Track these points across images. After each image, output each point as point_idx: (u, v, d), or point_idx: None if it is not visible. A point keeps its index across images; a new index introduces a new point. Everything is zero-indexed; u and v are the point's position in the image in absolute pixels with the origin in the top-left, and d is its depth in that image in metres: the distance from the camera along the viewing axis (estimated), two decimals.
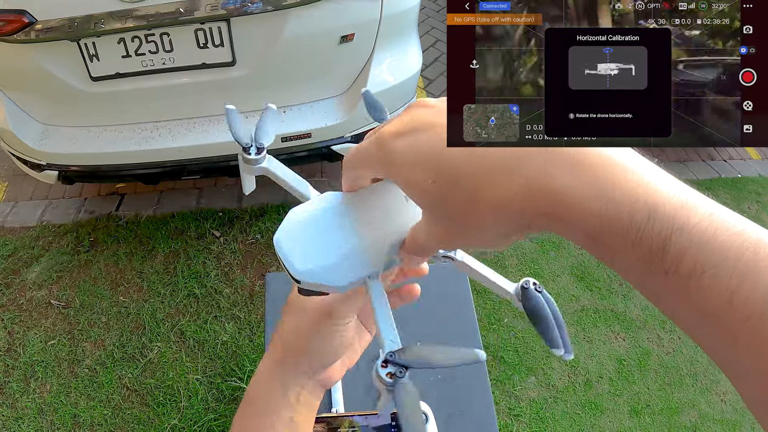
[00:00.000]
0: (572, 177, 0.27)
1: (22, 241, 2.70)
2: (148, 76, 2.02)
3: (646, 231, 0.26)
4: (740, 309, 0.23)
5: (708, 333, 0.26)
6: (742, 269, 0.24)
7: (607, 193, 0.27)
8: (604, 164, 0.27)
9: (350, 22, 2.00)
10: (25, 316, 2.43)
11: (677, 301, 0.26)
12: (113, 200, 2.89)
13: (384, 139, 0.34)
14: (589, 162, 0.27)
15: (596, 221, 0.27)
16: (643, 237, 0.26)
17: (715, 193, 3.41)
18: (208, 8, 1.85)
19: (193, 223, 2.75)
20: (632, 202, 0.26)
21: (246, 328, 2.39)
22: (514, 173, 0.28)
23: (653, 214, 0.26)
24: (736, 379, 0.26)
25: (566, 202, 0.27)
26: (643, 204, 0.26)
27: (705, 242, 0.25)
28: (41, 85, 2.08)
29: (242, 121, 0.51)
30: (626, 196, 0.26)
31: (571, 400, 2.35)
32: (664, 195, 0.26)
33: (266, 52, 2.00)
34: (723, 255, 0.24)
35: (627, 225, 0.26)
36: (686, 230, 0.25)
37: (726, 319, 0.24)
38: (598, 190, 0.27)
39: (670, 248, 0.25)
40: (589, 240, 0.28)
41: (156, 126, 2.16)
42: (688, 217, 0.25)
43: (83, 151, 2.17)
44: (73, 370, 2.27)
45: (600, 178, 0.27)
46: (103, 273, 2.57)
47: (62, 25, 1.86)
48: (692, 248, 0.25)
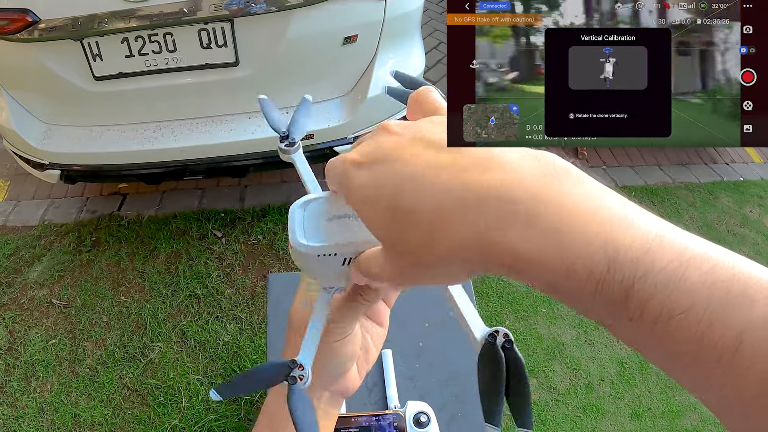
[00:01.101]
0: (529, 232, 0.26)
1: (23, 240, 2.71)
2: (151, 76, 2.02)
3: (606, 281, 0.25)
4: (712, 349, 0.23)
5: (681, 372, 0.25)
6: (712, 311, 0.23)
7: (564, 249, 0.26)
8: (562, 215, 0.26)
9: (354, 23, 2.01)
10: (27, 315, 2.43)
11: (646, 344, 0.26)
12: (115, 200, 2.89)
13: (346, 168, 0.33)
14: (547, 214, 0.26)
15: (554, 275, 0.26)
16: (603, 287, 0.25)
17: (717, 197, 3.40)
18: (212, 8, 1.85)
19: (195, 223, 2.75)
20: (591, 253, 0.25)
21: (247, 328, 2.39)
22: (472, 221, 0.27)
23: (613, 264, 0.25)
24: (717, 414, 0.25)
25: (522, 258, 0.26)
26: (602, 255, 0.25)
27: (672, 287, 0.24)
28: (44, 85, 2.09)
29: (277, 110, 0.52)
30: (585, 248, 0.25)
31: (572, 403, 2.34)
32: (627, 240, 0.25)
33: (269, 53, 2.00)
34: (691, 299, 0.23)
35: (586, 277, 0.25)
36: (650, 277, 0.24)
37: (698, 359, 0.24)
38: (555, 247, 0.26)
39: (633, 296, 0.24)
40: (549, 289, 0.27)
41: (159, 126, 2.17)
42: (653, 262, 0.24)
43: (86, 150, 2.17)
44: (74, 369, 2.27)
45: (557, 233, 0.26)
46: (105, 273, 2.57)
47: (66, 24, 1.87)
48: (657, 295, 0.24)
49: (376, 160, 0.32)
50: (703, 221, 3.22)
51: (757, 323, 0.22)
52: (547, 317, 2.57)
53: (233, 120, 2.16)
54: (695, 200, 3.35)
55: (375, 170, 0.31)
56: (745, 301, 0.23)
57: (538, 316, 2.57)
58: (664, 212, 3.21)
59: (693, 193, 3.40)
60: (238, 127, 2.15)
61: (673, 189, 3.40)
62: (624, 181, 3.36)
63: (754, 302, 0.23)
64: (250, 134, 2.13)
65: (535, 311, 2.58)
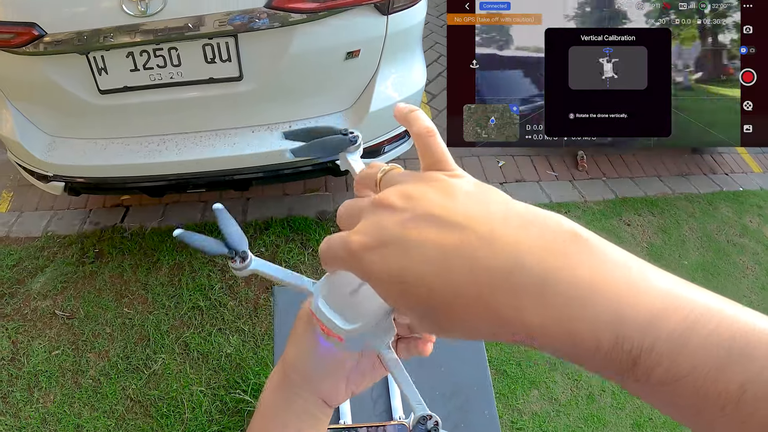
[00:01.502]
0: (539, 308, 0.27)
1: (27, 251, 2.72)
2: (155, 90, 2.04)
3: (614, 352, 0.26)
4: (715, 401, 0.25)
5: (684, 420, 0.27)
6: (716, 370, 0.24)
7: (573, 323, 0.27)
8: (569, 290, 0.27)
9: (356, 38, 2.03)
10: (30, 326, 2.44)
11: (652, 399, 0.27)
12: (118, 212, 2.90)
13: (354, 251, 0.33)
14: (556, 291, 0.27)
15: (563, 345, 0.28)
16: (611, 357, 0.26)
17: (717, 207, 3.42)
18: (216, 24, 1.87)
19: None
20: (599, 327, 0.26)
21: (250, 340, 2.40)
22: (485, 301, 0.28)
23: (620, 337, 0.26)
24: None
25: (534, 331, 0.28)
26: (610, 331, 0.26)
27: (677, 353, 0.25)
28: (50, 97, 2.11)
29: (236, 223, 0.46)
30: (593, 322, 0.26)
31: (573, 414, 2.35)
32: (634, 312, 0.26)
33: (273, 68, 2.03)
34: (696, 362, 0.25)
35: (594, 348, 0.27)
36: (657, 346, 0.25)
37: (702, 411, 0.25)
38: (565, 321, 0.27)
39: (640, 365, 0.26)
40: (555, 354, 0.29)
41: (163, 139, 2.18)
42: (659, 331, 0.26)
43: (90, 163, 2.19)
44: (76, 380, 2.28)
45: (566, 308, 0.27)
46: (108, 284, 2.58)
47: (71, 38, 1.88)
48: (664, 362, 0.25)
49: (383, 242, 0.32)
50: (702, 231, 3.23)
51: (759, 375, 0.24)
52: None
53: (236, 134, 2.18)
54: (695, 211, 3.36)
55: (385, 254, 0.31)
56: (746, 357, 0.24)
57: None
58: (664, 223, 3.22)
59: (692, 203, 3.41)
60: (241, 141, 2.16)
61: (672, 200, 3.41)
62: (624, 193, 3.38)
63: (755, 359, 0.24)
64: (253, 148, 2.15)
65: None
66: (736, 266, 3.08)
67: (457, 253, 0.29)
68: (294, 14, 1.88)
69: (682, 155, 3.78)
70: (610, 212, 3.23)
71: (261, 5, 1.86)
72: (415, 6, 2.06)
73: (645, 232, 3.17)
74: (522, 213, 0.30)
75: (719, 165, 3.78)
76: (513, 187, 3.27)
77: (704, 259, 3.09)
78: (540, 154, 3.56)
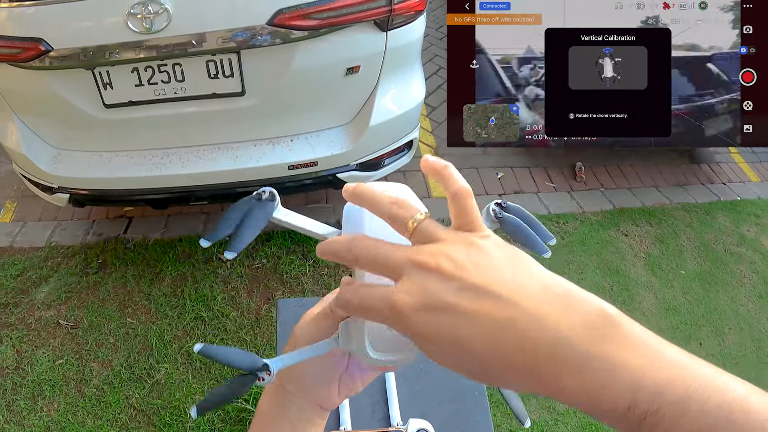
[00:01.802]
0: (574, 382, 0.32)
1: (30, 261, 2.75)
2: (160, 105, 2.08)
3: (626, 416, 0.31)
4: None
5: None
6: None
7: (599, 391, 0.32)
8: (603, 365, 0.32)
9: (356, 54, 2.06)
10: (34, 335, 2.46)
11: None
12: (121, 223, 2.94)
13: (400, 310, 0.35)
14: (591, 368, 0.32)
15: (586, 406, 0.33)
16: (623, 418, 0.32)
17: (714, 217, 3.44)
18: (219, 40, 1.91)
19: (201, 247, 2.79)
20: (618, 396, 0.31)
21: (252, 350, 2.42)
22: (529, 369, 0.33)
23: (633, 405, 0.31)
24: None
25: (565, 395, 0.33)
26: (627, 398, 0.31)
27: (677, 418, 0.31)
28: (55, 111, 2.14)
29: (229, 348, 0.45)
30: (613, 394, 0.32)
31: (572, 422, 2.37)
32: (648, 381, 0.31)
33: (275, 83, 2.06)
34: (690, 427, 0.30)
35: (610, 411, 0.32)
36: (661, 411, 0.31)
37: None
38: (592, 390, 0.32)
39: (645, 425, 0.31)
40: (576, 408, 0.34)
41: (166, 152, 2.21)
42: (664, 400, 0.31)
43: (95, 175, 2.22)
44: (80, 389, 2.30)
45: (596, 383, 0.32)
46: (111, 294, 2.61)
47: (77, 53, 1.92)
48: (665, 423, 0.31)
49: (434, 308, 0.34)
50: (700, 241, 3.26)
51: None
52: None
53: (238, 148, 2.21)
54: (692, 220, 3.39)
55: (436, 319, 0.34)
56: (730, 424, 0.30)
57: None
58: (662, 233, 3.25)
59: (690, 213, 3.44)
60: (244, 155, 2.20)
61: (670, 210, 3.44)
62: (621, 203, 3.41)
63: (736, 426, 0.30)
64: (255, 162, 2.18)
65: None
66: (734, 275, 3.10)
67: (509, 326, 0.33)
68: (295, 31, 1.92)
69: (679, 165, 3.81)
70: (607, 223, 3.26)
71: (263, 22, 1.89)
72: (414, 22, 2.09)
73: (643, 242, 3.19)
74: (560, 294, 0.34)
75: (717, 174, 3.81)
76: (511, 199, 3.29)
77: (702, 268, 3.11)
78: (538, 165, 3.59)
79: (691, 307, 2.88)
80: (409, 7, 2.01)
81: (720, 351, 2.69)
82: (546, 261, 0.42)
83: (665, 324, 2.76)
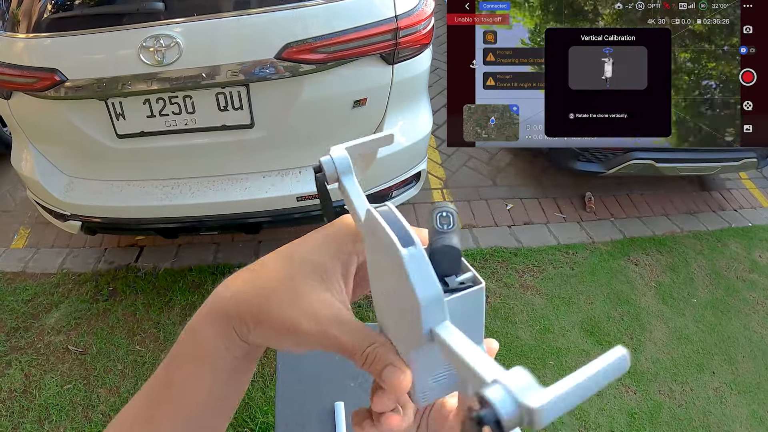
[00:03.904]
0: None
1: (42, 286, 2.78)
2: (171, 136, 2.12)
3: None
4: None
5: None
6: None
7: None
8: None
9: (363, 87, 2.08)
10: (42, 359, 2.48)
11: None
12: (133, 252, 2.96)
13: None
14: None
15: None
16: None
17: (726, 244, 3.40)
18: (229, 73, 1.94)
19: (210, 277, 2.81)
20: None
21: (258, 380, 2.42)
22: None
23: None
24: None
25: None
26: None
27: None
28: (69, 140, 2.18)
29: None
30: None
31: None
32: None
33: (283, 116, 2.09)
34: None
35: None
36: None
37: None
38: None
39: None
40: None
41: (177, 183, 2.24)
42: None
43: (107, 204, 2.25)
44: (87, 414, 2.31)
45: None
46: (121, 322, 2.62)
47: (91, 84, 1.97)
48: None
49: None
50: (711, 269, 3.22)
51: None
52: (555, 369, 2.57)
53: (248, 179, 2.24)
54: (703, 248, 3.35)
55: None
56: None
57: (546, 369, 2.57)
58: (672, 262, 3.22)
59: (701, 241, 3.41)
60: (253, 186, 2.22)
61: (680, 238, 3.41)
62: (632, 233, 3.38)
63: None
64: (264, 193, 2.20)
65: (543, 363, 2.59)
66: (746, 302, 3.06)
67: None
68: (303, 65, 1.95)
69: (690, 193, 3.78)
70: (617, 252, 3.23)
71: (272, 56, 1.93)
72: (420, 55, 2.12)
73: (653, 271, 3.16)
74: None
75: (728, 201, 3.78)
76: (521, 230, 3.29)
77: (713, 296, 3.07)
78: (548, 196, 3.58)
79: (704, 335, 2.84)
80: (414, 40, 2.03)
81: (734, 380, 2.64)
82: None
83: (677, 353, 2.72)
